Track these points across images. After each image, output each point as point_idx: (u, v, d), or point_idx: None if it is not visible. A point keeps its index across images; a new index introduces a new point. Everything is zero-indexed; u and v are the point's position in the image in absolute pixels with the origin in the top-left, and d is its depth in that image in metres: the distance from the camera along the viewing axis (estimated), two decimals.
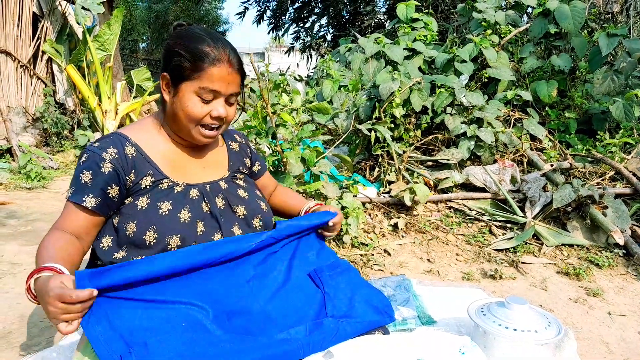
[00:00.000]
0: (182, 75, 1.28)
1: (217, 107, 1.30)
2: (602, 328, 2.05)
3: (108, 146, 1.29)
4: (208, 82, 1.26)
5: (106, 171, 1.27)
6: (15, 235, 2.96)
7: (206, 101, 1.29)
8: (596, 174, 3.45)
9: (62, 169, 5.08)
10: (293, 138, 2.95)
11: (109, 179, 1.27)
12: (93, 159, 1.27)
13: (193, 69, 1.26)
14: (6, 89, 5.58)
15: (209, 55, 1.26)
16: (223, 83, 1.28)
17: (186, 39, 1.30)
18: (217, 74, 1.27)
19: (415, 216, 3.19)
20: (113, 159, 1.28)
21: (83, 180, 1.26)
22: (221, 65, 1.27)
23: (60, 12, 6.10)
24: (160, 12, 21.41)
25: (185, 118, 1.30)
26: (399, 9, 5.18)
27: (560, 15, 4.22)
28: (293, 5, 12.42)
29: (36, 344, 1.76)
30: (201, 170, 1.43)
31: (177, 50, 1.28)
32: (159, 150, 1.37)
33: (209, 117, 1.31)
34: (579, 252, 2.79)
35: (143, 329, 1.05)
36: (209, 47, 1.27)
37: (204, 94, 1.27)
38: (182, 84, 1.28)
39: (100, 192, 1.26)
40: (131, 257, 1.26)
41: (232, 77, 1.29)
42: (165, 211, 1.28)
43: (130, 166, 1.30)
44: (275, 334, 1.17)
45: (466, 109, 3.87)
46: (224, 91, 1.29)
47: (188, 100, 1.28)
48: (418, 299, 2.10)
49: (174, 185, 1.34)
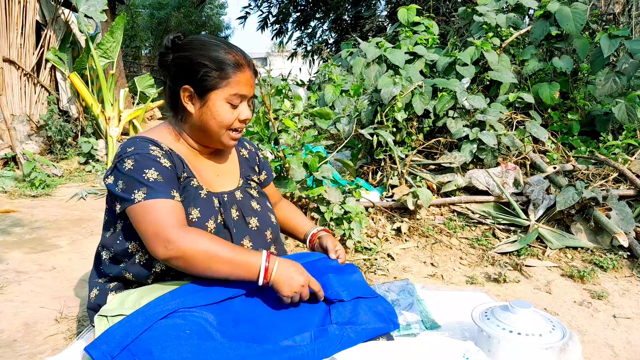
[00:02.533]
0: (209, 86, 1.29)
1: (243, 111, 1.35)
2: (607, 331, 2.04)
3: (147, 146, 1.28)
4: (237, 88, 1.30)
5: (168, 165, 1.27)
6: (20, 243, 2.97)
7: (235, 106, 1.33)
8: (599, 176, 3.44)
9: (66, 177, 5.10)
10: (295, 143, 2.96)
11: (173, 173, 1.28)
12: (146, 157, 1.24)
13: (221, 77, 1.29)
14: (10, 97, 5.62)
15: (233, 62, 1.30)
16: (248, 86, 1.33)
17: (203, 49, 1.30)
18: (243, 79, 1.31)
19: (418, 220, 3.18)
20: (164, 154, 1.28)
21: (152, 179, 1.21)
22: (245, 70, 1.32)
23: (63, 20, 6.14)
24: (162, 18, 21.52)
25: (217, 125, 1.33)
26: (400, 12, 5.19)
27: (562, 17, 4.22)
28: (295, 10, 12.46)
29: (41, 352, 1.77)
30: (216, 178, 1.44)
31: (199, 62, 1.28)
32: (182, 154, 1.38)
33: (237, 121, 1.35)
34: (583, 255, 2.78)
35: (147, 338, 1.05)
36: (229, 54, 1.30)
37: (234, 99, 1.31)
38: (211, 94, 1.30)
39: (177, 186, 1.27)
40: (154, 261, 1.27)
41: (254, 79, 1.36)
42: (195, 218, 1.29)
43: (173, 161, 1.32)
44: (280, 340, 1.17)
45: (468, 112, 3.87)
46: (249, 94, 1.35)
47: (220, 108, 1.31)
48: (422, 303, 2.10)
49: (200, 188, 1.35)
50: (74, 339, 1.78)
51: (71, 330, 1.90)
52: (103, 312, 1.26)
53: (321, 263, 1.48)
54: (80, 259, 2.71)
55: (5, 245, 2.93)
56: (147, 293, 1.25)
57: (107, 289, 1.34)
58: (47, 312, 2.05)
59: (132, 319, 1.12)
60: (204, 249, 1.15)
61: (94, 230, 3.25)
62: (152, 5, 21.94)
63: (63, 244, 2.97)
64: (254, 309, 1.26)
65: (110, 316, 1.22)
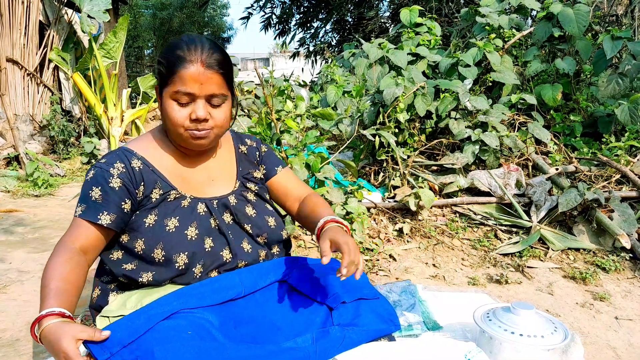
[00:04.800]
0: (162, 84, 1.28)
1: (195, 110, 1.26)
2: (609, 333, 2.04)
3: (114, 161, 1.29)
4: (180, 84, 1.24)
5: (116, 186, 1.26)
6: (23, 243, 2.98)
7: (183, 104, 1.26)
8: (602, 178, 3.44)
9: (68, 176, 5.11)
10: (297, 144, 2.96)
11: (121, 194, 1.27)
12: (101, 174, 1.27)
13: (168, 74, 1.25)
14: (13, 97, 5.64)
15: (180, 58, 1.24)
16: (195, 84, 1.24)
17: (167, 47, 1.30)
18: (187, 75, 1.23)
19: (420, 221, 3.18)
20: (121, 174, 1.28)
21: (93, 197, 1.25)
22: (191, 66, 1.24)
23: (67, 20, 6.16)
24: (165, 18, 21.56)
25: (170, 124, 1.29)
26: (403, 13, 5.19)
27: (564, 19, 4.22)
28: (298, 11, 12.48)
29: (43, 351, 1.77)
30: (210, 182, 1.41)
31: (159, 60, 1.29)
32: (166, 162, 1.36)
33: (188, 121, 1.27)
34: (585, 256, 2.78)
35: (149, 338, 1.06)
36: (181, 50, 1.25)
37: (179, 97, 1.25)
38: (163, 92, 1.28)
39: (116, 209, 1.26)
40: (141, 271, 1.27)
41: (207, 77, 1.25)
42: (172, 228, 1.28)
43: (139, 179, 1.30)
44: (281, 342, 1.17)
45: (470, 113, 3.87)
46: (198, 92, 1.25)
47: (167, 106, 1.27)
48: (424, 304, 2.10)
49: (181, 198, 1.33)
50: None
51: None
52: (105, 313, 1.27)
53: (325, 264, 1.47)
54: None
55: (8, 245, 2.94)
56: (149, 294, 1.26)
57: (108, 290, 1.35)
58: None
59: (135, 318, 1.12)
60: (44, 273, 1.20)
61: None
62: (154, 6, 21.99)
63: None
64: (255, 311, 1.27)
65: (112, 317, 1.23)
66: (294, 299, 1.33)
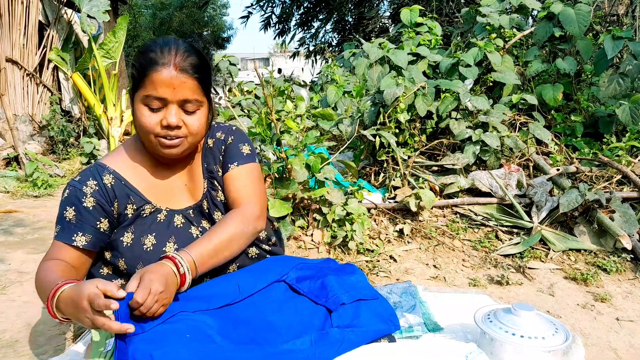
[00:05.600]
0: (133, 88, 1.22)
1: (166, 116, 1.19)
2: (610, 334, 2.03)
3: (87, 179, 1.25)
4: (151, 88, 1.17)
5: (90, 206, 1.22)
6: (22, 244, 2.98)
7: (154, 109, 1.19)
8: (603, 178, 3.43)
9: (68, 177, 5.11)
10: (297, 144, 2.95)
11: (95, 214, 1.22)
12: (74, 194, 1.23)
13: (139, 77, 1.19)
14: (12, 97, 5.63)
15: (151, 60, 1.18)
16: (168, 88, 1.17)
17: (141, 49, 1.23)
18: (159, 79, 1.17)
19: (420, 222, 3.18)
20: (94, 192, 1.23)
21: (68, 218, 1.22)
22: (163, 69, 1.17)
23: (66, 20, 6.15)
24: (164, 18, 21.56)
25: (140, 131, 1.23)
26: (403, 13, 5.18)
27: (565, 19, 4.21)
28: (298, 11, 12.47)
29: (43, 353, 1.77)
30: (184, 190, 1.36)
31: (132, 62, 1.23)
32: (140, 174, 1.31)
33: (159, 127, 1.20)
34: (586, 257, 2.77)
35: (147, 341, 1.05)
36: (154, 52, 1.18)
37: (150, 101, 1.18)
38: (135, 96, 1.22)
39: (90, 229, 1.22)
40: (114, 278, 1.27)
41: (180, 81, 1.18)
42: (150, 246, 1.25)
43: (112, 196, 1.25)
44: (280, 344, 1.16)
45: (471, 113, 3.86)
46: (171, 97, 1.18)
47: (137, 111, 1.21)
48: (424, 305, 2.09)
49: (156, 212, 1.29)
50: (76, 339, 1.78)
51: (73, 331, 1.90)
52: None
53: (323, 264, 1.47)
54: None
55: (8, 246, 2.93)
56: None
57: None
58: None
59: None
60: (36, 285, 1.17)
61: None
62: (154, 6, 21.99)
63: None
64: (254, 312, 1.26)
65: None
66: (292, 300, 1.32)
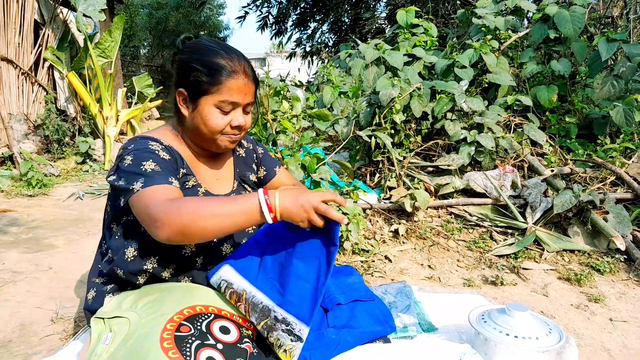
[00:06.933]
0: (200, 90, 1.30)
1: (236, 117, 1.34)
2: (604, 334, 2.04)
3: (147, 142, 1.29)
4: (227, 94, 1.29)
5: (166, 157, 1.28)
6: (17, 243, 2.96)
7: (226, 112, 1.32)
8: (597, 179, 3.45)
9: (63, 176, 5.09)
10: (293, 145, 2.96)
11: (173, 164, 1.28)
12: (145, 151, 1.25)
13: (211, 82, 1.28)
14: (7, 96, 5.60)
15: (225, 68, 1.29)
16: (241, 94, 1.31)
17: (200, 53, 1.31)
18: (235, 86, 1.30)
19: (415, 222, 3.18)
20: (164, 148, 1.29)
21: (149, 169, 1.20)
22: (238, 77, 1.30)
23: (62, 19, 6.13)
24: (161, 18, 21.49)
25: (208, 131, 1.32)
26: (399, 14, 5.20)
27: (560, 21, 4.23)
28: (295, 11, 12.46)
29: (37, 353, 1.76)
30: (215, 181, 1.46)
31: (193, 66, 1.29)
32: (184, 154, 1.40)
33: (229, 127, 1.34)
34: (580, 258, 2.79)
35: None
36: (224, 59, 1.29)
37: (224, 106, 1.30)
38: (202, 99, 1.30)
39: (175, 176, 1.25)
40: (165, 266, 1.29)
41: (249, 87, 1.33)
42: None
43: (175, 155, 1.33)
44: None
45: (466, 114, 3.87)
46: (242, 102, 1.33)
47: (209, 114, 1.30)
48: (419, 305, 2.10)
49: (197, 186, 1.37)
50: (69, 339, 1.77)
51: (67, 330, 1.89)
52: (100, 315, 1.26)
53: None
54: (77, 259, 2.70)
55: (2, 245, 2.92)
56: (144, 295, 1.25)
57: (104, 292, 1.34)
58: (43, 312, 2.05)
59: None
60: (191, 212, 1.07)
61: (91, 230, 3.25)
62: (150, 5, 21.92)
63: (59, 244, 2.96)
64: None
65: (107, 318, 1.22)
66: None
